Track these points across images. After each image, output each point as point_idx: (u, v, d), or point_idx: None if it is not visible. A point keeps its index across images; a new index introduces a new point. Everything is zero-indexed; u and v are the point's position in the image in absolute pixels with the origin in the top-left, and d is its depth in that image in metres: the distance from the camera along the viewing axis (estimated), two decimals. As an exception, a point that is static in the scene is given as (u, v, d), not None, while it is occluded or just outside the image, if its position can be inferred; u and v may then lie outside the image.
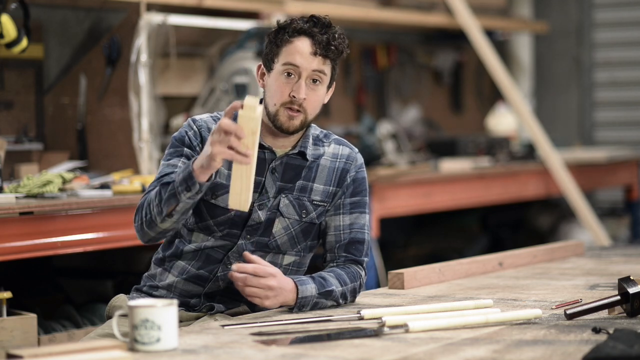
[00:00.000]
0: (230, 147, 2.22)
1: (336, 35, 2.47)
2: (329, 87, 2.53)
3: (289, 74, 2.46)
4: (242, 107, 2.23)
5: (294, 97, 2.45)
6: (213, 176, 2.35)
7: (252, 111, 2.22)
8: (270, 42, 2.51)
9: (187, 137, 2.52)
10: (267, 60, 2.51)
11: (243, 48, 4.41)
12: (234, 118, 2.28)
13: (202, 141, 2.51)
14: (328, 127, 5.22)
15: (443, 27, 6.23)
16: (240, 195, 2.27)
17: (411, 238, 6.67)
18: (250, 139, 2.22)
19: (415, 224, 6.69)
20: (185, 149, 2.51)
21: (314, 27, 2.46)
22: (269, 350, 2.02)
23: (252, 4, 4.53)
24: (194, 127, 2.53)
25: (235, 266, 2.36)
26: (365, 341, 2.11)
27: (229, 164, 2.40)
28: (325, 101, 2.55)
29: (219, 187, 2.50)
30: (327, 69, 2.49)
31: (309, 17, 2.49)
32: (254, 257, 2.39)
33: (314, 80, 2.47)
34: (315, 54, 2.45)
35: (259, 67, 2.56)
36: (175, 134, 2.55)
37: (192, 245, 2.53)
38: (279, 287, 2.38)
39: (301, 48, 2.45)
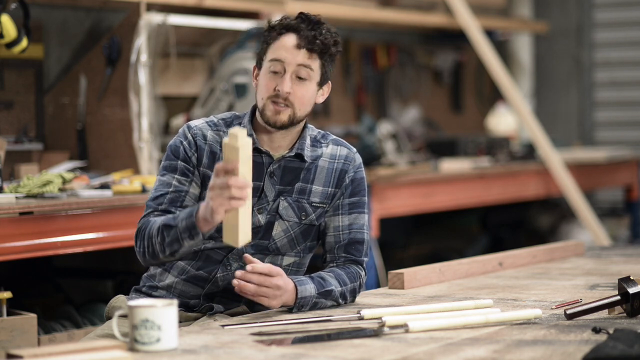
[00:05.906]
0: (230, 197, 2.21)
1: (323, 31, 2.47)
2: (321, 85, 2.53)
3: (275, 70, 2.47)
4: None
5: (279, 90, 2.46)
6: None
7: (234, 140, 2.19)
8: (262, 42, 2.54)
9: (182, 148, 2.53)
10: (259, 58, 2.54)
11: (243, 48, 4.41)
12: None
13: (197, 150, 2.52)
14: (328, 127, 5.22)
15: (443, 27, 6.23)
16: (245, 229, 2.26)
17: (411, 238, 6.66)
18: (243, 168, 2.21)
19: (415, 224, 6.68)
20: (180, 162, 2.51)
21: (302, 23, 2.47)
22: (269, 350, 2.02)
23: (252, 4, 4.53)
24: (189, 135, 2.54)
25: (249, 267, 2.35)
26: (365, 341, 2.11)
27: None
28: (319, 101, 2.55)
29: None
30: (315, 64, 2.48)
31: (299, 14, 2.50)
32: (254, 259, 2.39)
33: (301, 77, 2.47)
34: (299, 47, 2.46)
35: (254, 68, 2.57)
36: (171, 142, 2.56)
37: (193, 247, 2.54)
38: (285, 287, 2.39)
39: (286, 43, 2.47)
